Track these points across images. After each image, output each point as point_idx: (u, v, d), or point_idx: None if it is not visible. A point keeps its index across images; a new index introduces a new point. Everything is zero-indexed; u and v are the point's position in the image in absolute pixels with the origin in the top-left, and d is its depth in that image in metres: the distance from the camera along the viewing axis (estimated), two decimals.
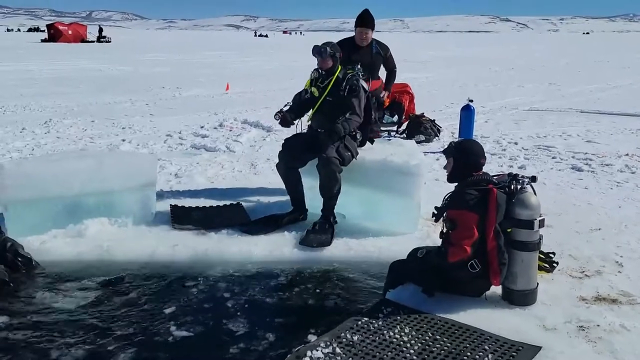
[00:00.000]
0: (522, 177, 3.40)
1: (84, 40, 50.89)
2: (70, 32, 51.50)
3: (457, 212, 3.34)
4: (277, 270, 4.17)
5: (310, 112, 5.00)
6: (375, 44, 5.74)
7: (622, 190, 6.12)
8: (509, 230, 3.34)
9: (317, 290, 3.90)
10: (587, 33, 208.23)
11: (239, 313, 3.56)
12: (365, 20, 5.63)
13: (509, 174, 3.46)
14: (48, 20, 78.61)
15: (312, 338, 3.13)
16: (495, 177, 3.51)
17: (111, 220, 4.67)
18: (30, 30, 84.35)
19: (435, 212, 3.55)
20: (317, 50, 4.80)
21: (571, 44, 68.33)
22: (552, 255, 3.88)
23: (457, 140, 3.76)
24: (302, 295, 3.84)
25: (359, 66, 5.04)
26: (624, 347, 2.99)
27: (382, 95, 6.06)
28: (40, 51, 35.00)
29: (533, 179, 3.41)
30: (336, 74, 4.84)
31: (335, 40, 5.23)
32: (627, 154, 7.81)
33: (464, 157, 3.53)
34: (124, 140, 8.63)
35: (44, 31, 55.22)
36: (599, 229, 4.83)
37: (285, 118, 4.95)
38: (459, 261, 3.32)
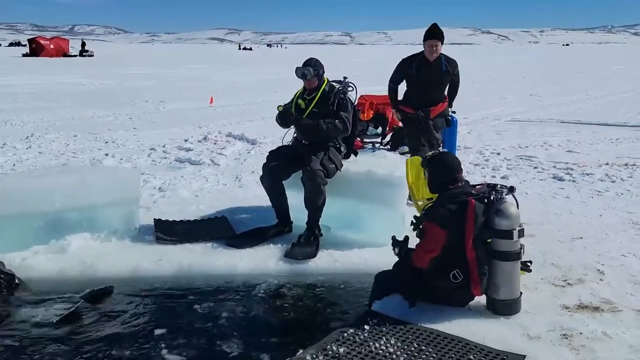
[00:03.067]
0: (501, 187, 3.44)
1: (66, 55, 50.53)
2: (52, 46, 51.12)
3: (429, 225, 3.40)
4: (262, 283, 4.16)
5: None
6: (444, 60, 5.60)
7: (602, 199, 6.21)
8: (488, 240, 3.38)
9: (303, 303, 3.90)
10: (567, 44, 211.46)
11: (224, 327, 3.54)
12: (434, 33, 5.49)
13: (488, 185, 3.51)
14: (30, 35, 77.98)
15: (298, 350, 3.12)
16: (474, 188, 3.54)
17: (94, 236, 4.64)
18: (11, 44, 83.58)
19: (414, 221, 3.59)
20: (301, 74, 4.81)
21: (551, 56, 69.32)
22: (529, 264, 3.91)
23: (433, 153, 3.85)
24: (288, 308, 3.84)
25: (347, 79, 5.06)
26: (607, 355, 3.02)
27: (450, 115, 5.92)
28: (21, 66, 34.72)
29: (511, 189, 3.46)
30: (322, 87, 4.86)
31: (318, 53, 5.24)
32: (607, 163, 7.93)
33: (438, 171, 3.59)
34: (107, 155, 8.58)
35: (25, 45, 54.87)
36: (581, 238, 4.89)
37: (287, 110, 4.84)
38: (438, 270, 3.36)
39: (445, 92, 5.78)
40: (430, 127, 5.60)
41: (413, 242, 3.62)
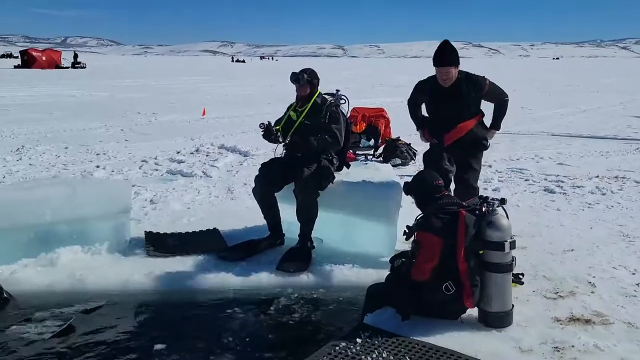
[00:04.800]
0: (492, 199, 3.46)
1: (58, 66, 50.41)
2: (44, 58, 51.01)
3: (423, 235, 3.40)
4: (254, 296, 4.15)
5: (288, 135, 4.98)
6: (464, 81, 4.61)
7: (593, 211, 6.23)
8: (480, 252, 3.39)
9: (295, 316, 3.88)
10: (557, 58, 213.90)
11: (216, 340, 3.52)
12: (443, 59, 4.53)
13: (480, 197, 3.53)
14: (22, 47, 77.96)
15: None
16: (466, 200, 3.57)
17: (84, 249, 4.60)
18: (3, 56, 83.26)
19: (407, 230, 3.60)
20: (295, 78, 4.83)
21: (542, 69, 69.93)
22: (521, 277, 3.92)
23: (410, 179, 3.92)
24: (280, 321, 3.82)
25: (340, 91, 5.06)
26: None
27: (487, 139, 4.90)
28: (13, 77, 34.60)
29: (503, 201, 3.47)
30: (314, 98, 4.87)
31: (310, 65, 5.21)
32: (597, 176, 7.97)
33: (419, 189, 3.70)
34: (98, 167, 8.55)
35: (17, 57, 54.70)
36: (572, 250, 4.91)
37: (269, 129, 4.77)
38: (431, 282, 3.35)
39: (476, 113, 4.79)
40: (443, 157, 4.75)
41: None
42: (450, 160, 4.78)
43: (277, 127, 4.85)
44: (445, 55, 4.55)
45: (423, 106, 5.02)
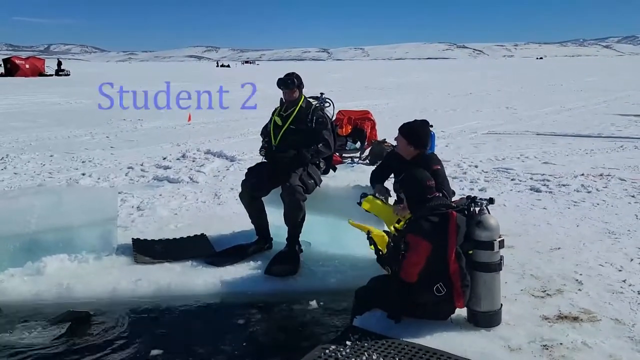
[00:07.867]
0: (481, 199, 3.47)
1: (42, 74, 50.07)
2: (27, 66, 50.64)
3: (413, 238, 3.39)
4: (243, 301, 4.13)
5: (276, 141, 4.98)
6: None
7: (579, 209, 6.29)
8: (470, 252, 3.40)
9: (284, 320, 3.88)
10: (541, 58, 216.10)
11: (205, 347, 3.50)
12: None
13: (468, 197, 3.54)
14: (5, 55, 77.18)
15: None
16: (454, 201, 3.58)
17: (71, 257, 4.56)
18: None
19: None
20: (284, 83, 4.83)
21: (526, 69, 70.53)
22: None
23: (400, 176, 3.85)
24: (269, 326, 3.81)
25: (324, 95, 5.08)
26: None
27: None
28: None
29: (491, 200, 3.49)
30: (299, 104, 4.87)
31: (294, 69, 5.24)
32: (582, 174, 8.04)
33: (410, 187, 3.63)
34: (84, 175, 8.49)
35: (0, 66, 54.24)
36: (559, 248, 4.94)
37: (267, 152, 4.93)
38: (421, 284, 3.36)
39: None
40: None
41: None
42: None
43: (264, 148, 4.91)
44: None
45: None
